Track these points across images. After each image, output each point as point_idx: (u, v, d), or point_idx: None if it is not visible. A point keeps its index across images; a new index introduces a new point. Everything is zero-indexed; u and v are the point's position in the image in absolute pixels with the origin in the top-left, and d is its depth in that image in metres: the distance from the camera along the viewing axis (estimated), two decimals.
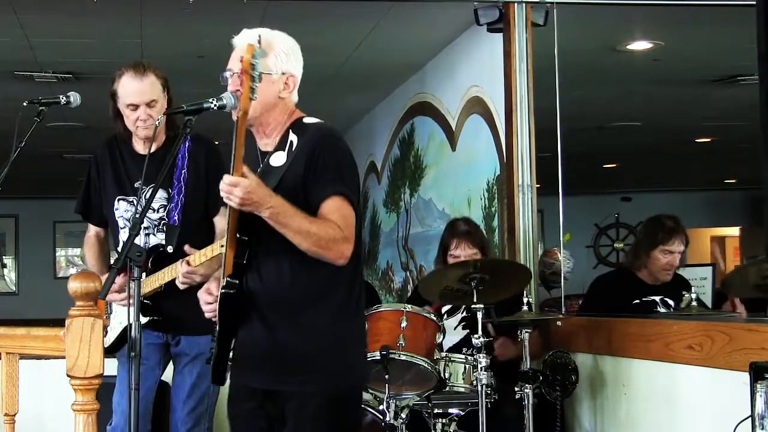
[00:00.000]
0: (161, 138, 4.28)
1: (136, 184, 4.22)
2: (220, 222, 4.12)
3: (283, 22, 3.34)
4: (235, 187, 2.97)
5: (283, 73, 3.25)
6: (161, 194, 4.25)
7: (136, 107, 4.16)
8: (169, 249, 4.14)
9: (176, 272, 3.80)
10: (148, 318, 4.13)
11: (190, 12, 5.99)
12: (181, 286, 3.75)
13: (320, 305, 3.19)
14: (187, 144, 4.25)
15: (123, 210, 4.29)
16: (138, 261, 3.03)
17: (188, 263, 3.65)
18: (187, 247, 3.71)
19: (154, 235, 4.26)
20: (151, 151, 4.16)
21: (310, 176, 3.15)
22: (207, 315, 3.31)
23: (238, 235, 3.17)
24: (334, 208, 3.13)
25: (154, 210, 4.25)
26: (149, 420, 4.29)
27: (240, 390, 3.35)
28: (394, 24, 6.57)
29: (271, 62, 3.22)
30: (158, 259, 4.16)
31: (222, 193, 3.02)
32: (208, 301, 3.29)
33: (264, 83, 3.16)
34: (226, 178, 3.00)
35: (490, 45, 6.10)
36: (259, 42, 3.02)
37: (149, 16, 6.30)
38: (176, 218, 4.20)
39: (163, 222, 4.24)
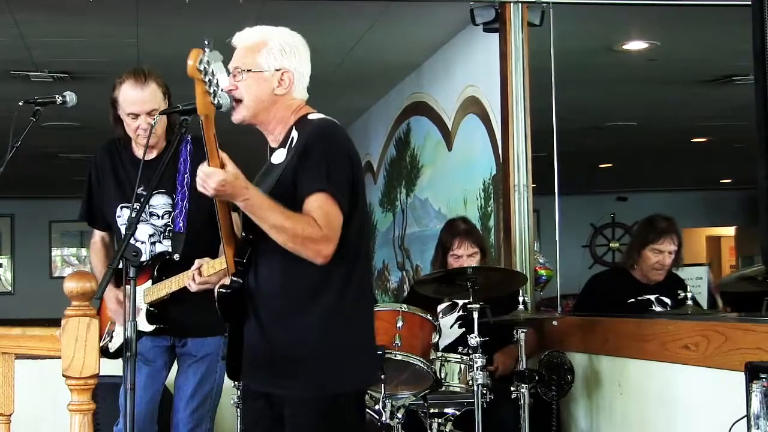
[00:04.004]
0: (161, 144, 4.25)
1: (138, 191, 4.17)
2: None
3: (279, 22, 3.34)
4: (209, 178, 2.98)
5: (277, 70, 3.23)
6: (165, 200, 4.21)
7: (136, 116, 4.12)
8: (176, 257, 4.12)
9: (184, 281, 3.77)
10: (154, 326, 4.14)
11: (187, 12, 5.98)
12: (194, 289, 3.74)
13: (311, 306, 3.13)
14: (189, 147, 4.23)
15: (126, 217, 4.23)
16: (134, 261, 3.03)
17: (200, 274, 3.59)
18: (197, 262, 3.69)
19: (160, 242, 4.23)
20: (152, 157, 4.15)
21: (300, 171, 3.11)
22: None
23: (243, 234, 3.17)
24: (317, 205, 3.06)
25: (158, 217, 4.23)
26: (156, 421, 4.29)
27: (247, 388, 3.37)
28: (390, 24, 6.57)
29: (261, 59, 3.20)
30: (165, 266, 4.15)
31: (198, 181, 3.02)
32: (199, 282, 3.31)
33: (254, 80, 3.17)
34: (202, 168, 3.00)
35: (486, 45, 6.10)
36: (208, 46, 2.94)
37: (145, 16, 6.30)
38: (181, 225, 4.17)
39: (168, 229, 4.21)
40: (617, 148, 12.47)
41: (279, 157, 3.23)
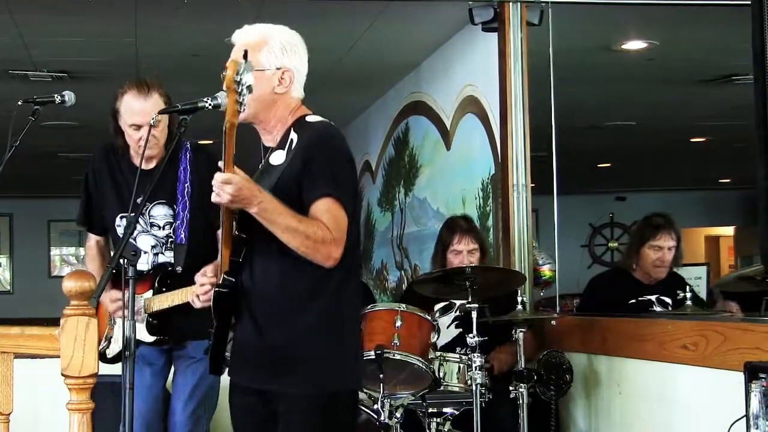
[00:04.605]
0: (162, 154, 4.18)
1: (138, 200, 4.12)
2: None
3: (278, 21, 3.34)
4: (227, 185, 2.96)
5: (278, 68, 3.23)
6: (166, 211, 4.19)
7: (138, 127, 4.06)
8: (178, 269, 4.09)
9: (188, 297, 3.75)
10: (155, 337, 4.13)
11: (185, 11, 5.98)
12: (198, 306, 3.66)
13: (308, 307, 3.15)
14: (188, 155, 4.20)
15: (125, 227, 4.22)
16: (133, 260, 3.03)
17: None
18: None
19: (162, 253, 4.22)
20: (152, 166, 4.12)
21: (305, 176, 3.12)
22: (201, 295, 3.30)
23: (236, 233, 3.17)
24: (324, 209, 3.10)
25: (159, 227, 4.20)
26: (162, 419, 4.29)
27: (237, 385, 3.36)
28: (389, 23, 6.57)
29: (263, 57, 3.20)
30: (166, 277, 4.13)
31: (214, 190, 3.00)
32: (203, 283, 3.29)
33: (256, 79, 3.16)
34: (218, 176, 2.99)
35: (485, 44, 6.10)
36: (245, 57, 3.00)
37: (144, 15, 6.29)
38: (183, 236, 4.15)
39: (170, 240, 4.20)
40: (616, 148, 12.47)
41: (278, 158, 3.23)
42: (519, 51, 5.79)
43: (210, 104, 3.16)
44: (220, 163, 3.01)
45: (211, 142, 4.36)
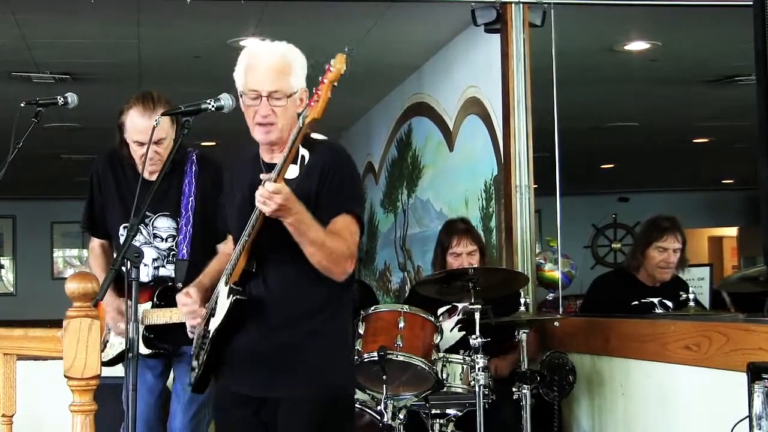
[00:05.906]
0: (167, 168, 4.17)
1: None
2: (221, 247, 3.84)
3: (280, 23, 3.35)
4: (277, 194, 2.97)
5: (299, 90, 3.27)
6: (170, 224, 4.18)
7: (143, 144, 4.03)
8: (179, 285, 4.07)
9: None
10: (151, 350, 4.12)
11: (187, 12, 5.98)
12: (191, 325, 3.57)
13: (317, 314, 3.24)
14: (194, 168, 4.18)
15: None
16: (136, 262, 3.03)
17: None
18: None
19: (164, 266, 4.21)
20: (155, 178, 4.09)
21: (324, 192, 3.20)
22: (187, 319, 3.38)
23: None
24: (345, 225, 3.19)
25: (162, 239, 4.19)
26: (161, 421, 4.29)
27: (231, 397, 3.36)
28: (392, 24, 6.57)
29: (294, 81, 3.24)
30: (166, 291, 4.13)
31: (258, 198, 3.00)
32: (185, 303, 3.35)
33: (291, 103, 3.22)
34: (270, 186, 2.98)
35: (488, 45, 6.10)
36: (351, 52, 3.02)
37: (146, 17, 6.29)
38: (185, 252, 4.14)
39: (172, 253, 4.19)
40: (619, 149, 12.47)
41: (290, 172, 3.24)
42: (521, 52, 5.79)
43: (213, 106, 3.18)
44: (279, 158, 3.02)
45: (214, 143, 4.36)
